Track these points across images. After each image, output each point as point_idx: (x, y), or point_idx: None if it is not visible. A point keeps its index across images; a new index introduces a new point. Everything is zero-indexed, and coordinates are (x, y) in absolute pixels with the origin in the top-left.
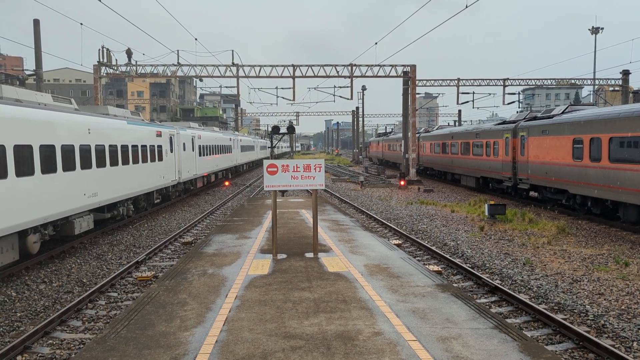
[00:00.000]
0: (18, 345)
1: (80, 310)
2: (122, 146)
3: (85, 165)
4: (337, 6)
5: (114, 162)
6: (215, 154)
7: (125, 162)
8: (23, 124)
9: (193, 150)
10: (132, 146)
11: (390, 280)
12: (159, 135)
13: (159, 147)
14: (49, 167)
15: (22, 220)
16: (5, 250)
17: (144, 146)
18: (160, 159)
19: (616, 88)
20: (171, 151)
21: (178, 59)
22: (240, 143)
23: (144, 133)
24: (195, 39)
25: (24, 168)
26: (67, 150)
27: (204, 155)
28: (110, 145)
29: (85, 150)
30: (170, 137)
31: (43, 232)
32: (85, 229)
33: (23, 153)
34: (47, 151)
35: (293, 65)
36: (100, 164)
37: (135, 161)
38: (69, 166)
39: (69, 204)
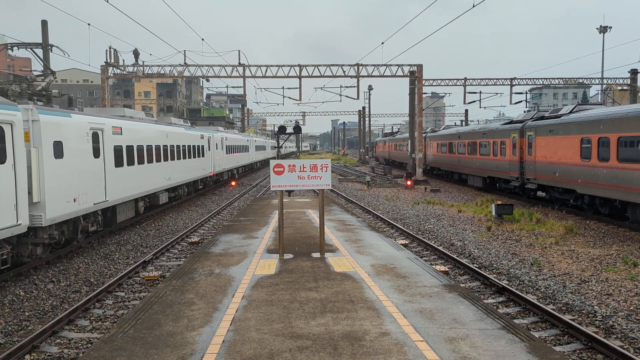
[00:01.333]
0: (26, 344)
1: (87, 310)
2: (182, 146)
3: (165, 158)
4: (343, 6)
5: (178, 157)
6: (237, 152)
7: (184, 157)
8: (140, 132)
9: (222, 149)
10: (187, 146)
11: (397, 281)
12: (202, 137)
13: (202, 146)
14: (150, 159)
15: (138, 191)
16: (129, 209)
17: (194, 146)
18: (203, 155)
19: (624, 87)
20: (209, 149)
21: (185, 59)
22: (255, 143)
23: (194, 136)
24: (202, 39)
25: (140, 159)
26: (158, 148)
27: (229, 153)
28: (176, 146)
29: (165, 148)
30: (209, 139)
31: (145, 200)
32: (164, 202)
33: (142, 150)
34: (149, 149)
35: (299, 65)
36: (172, 158)
37: (189, 157)
38: (158, 159)
39: (158, 183)
